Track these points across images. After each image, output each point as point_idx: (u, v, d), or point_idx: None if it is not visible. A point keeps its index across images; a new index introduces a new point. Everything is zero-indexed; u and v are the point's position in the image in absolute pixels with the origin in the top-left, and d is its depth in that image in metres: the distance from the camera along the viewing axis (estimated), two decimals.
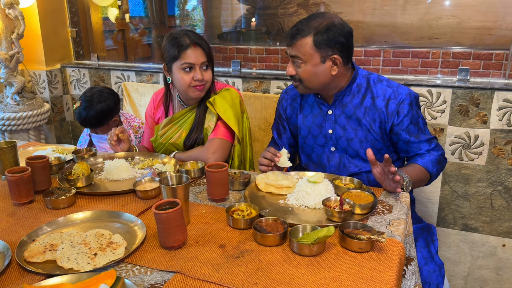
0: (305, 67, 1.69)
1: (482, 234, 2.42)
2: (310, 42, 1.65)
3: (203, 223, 1.40)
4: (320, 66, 1.68)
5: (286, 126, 1.99)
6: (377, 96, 1.76)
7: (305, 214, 1.45)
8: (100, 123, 2.37)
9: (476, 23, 4.16)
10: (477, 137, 2.30)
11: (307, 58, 1.67)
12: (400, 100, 1.73)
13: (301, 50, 1.67)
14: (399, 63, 4.72)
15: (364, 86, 1.79)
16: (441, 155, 1.78)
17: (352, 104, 1.79)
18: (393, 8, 4.43)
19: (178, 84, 1.97)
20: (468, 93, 2.27)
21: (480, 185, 2.35)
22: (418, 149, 1.77)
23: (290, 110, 1.95)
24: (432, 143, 1.78)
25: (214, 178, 1.53)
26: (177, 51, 1.91)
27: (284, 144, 2.00)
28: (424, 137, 1.77)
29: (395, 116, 1.74)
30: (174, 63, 1.94)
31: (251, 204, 1.43)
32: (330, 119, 1.83)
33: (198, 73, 1.92)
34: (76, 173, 1.70)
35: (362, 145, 1.80)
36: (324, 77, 1.71)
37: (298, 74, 1.72)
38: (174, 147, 2.08)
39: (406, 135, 1.76)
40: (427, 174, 1.73)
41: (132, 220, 1.40)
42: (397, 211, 1.47)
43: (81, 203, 1.58)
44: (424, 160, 1.74)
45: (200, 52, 1.93)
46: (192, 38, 1.93)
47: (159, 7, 4.49)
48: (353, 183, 1.62)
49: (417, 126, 1.76)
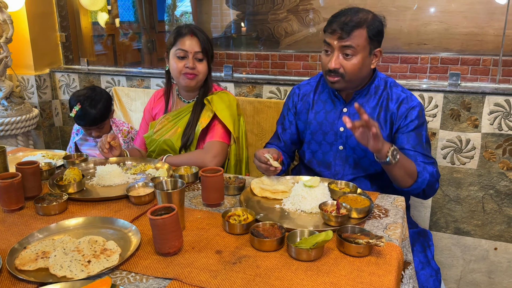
0: (355, 59, 1.68)
1: (474, 237, 2.43)
2: (365, 33, 1.66)
3: (199, 228, 1.38)
4: (367, 59, 1.71)
5: (293, 121, 1.97)
6: (391, 99, 1.78)
7: (302, 218, 1.44)
8: (105, 117, 2.38)
9: (464, 29, 4.22)
10: (468, 141, 2.32)
11: (360, 49, 1.67)
12: (411, 106, 1.75)
13: (355, 41, 1.66)
14: (388, 69, 4.76)
15: (381, 88, 1.80)
16: (436, 173, 1.70)
17: (368, 105, 1.79)
18: (382, 14, 4.47)
19: (171, 70, 2.02)
20: (460, 98, 2.29)
21: (471, 189, 2.37)
22: (414, 161, 1.71)
23: (301, 105, 1.94)
24: (430, 160, 1.72)
25: (210, 183, 1.51)
26: (174, 37, 1.99)
27: (286, 140, 1.98)
28: (421, 150, 1.72)
29: (403, 119, 1.75)
30: (171, 49, 2.00)
31: (247, 209, 1.41)
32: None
33: (190, 61, 1.96)
34: (68, 179, 1.66)
35: None
36: (366, 71, 1.73)
37: (344, 67, 1.69)
38: (166, 144, 2.06)
39: (403, 140, 1.74)
40: (415, 171, 1.64)
41: (126, 226, 1.37)
42: (393, 215, 1.47)
43: (73, 209, 1.54)
44: (417, 163, 1.70)
45: (195, 42, 1.97)
46: (191, 28, 1.99)
47: (149, 12, 4.48)
48: (349, 187, 1.61)
49: (419, 138, 1.73)
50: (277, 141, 2.01)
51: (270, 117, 2.48)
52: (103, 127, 2.41)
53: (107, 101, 2.39)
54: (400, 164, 1.59)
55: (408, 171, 1.63)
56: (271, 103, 2.48)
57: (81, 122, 2.34)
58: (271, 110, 2.47)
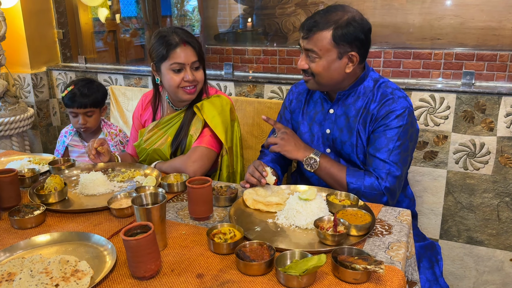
0: (320, 62, 1.58)
1: (488, 247, 2.28)
2: (329, 36, 1.54)
3: (182, 246, 1.26)
4: (336, 62, 1.58)
5: (289, 120, 1.87)
6: (374, 100, 1.64)
7: (296, 235, 1.31)
8: (96, 105, 2.28)
9: (480, 23, 4.03)
10: (483, 145, 2.16)
11: (323, 53, 1.56)
12: (392, 109, 1.59)
13: (317, 44, 1.56)
14: (400, 65, 4.59)
15: (370, 89, 1.66)
16: (379, 186, 1.54)
17: (355, 106, 1.67)
18: (394, 8, 4.30)
19: (167, 85, 1.85)
20: (474, 98, 2.12)
21: (486, 196, 2.21)
22: (368, 164, 1.60)
23: (295, 104, 1.85)
24: (385, 168, 1.56)
25: (196, 195, 1.39)
26: (166, 50, 1.79)
27: None
28: (383, 155, 1.56)
29: (379, 121, 1.60)
30: (163, 63, 1.82)
31: (235, 225, 1.29)
32: (330, 118, 1.72)
33: (189, 73, 1.80)
34: (48, 188, 1.56)
35: (354, 150, 1.67)
36: (337, 74, 1.60)
37: (311, 69, 1.61)
38: (156, 154, 1.94)
39: (370, 142, 1.62)
40: (343, 180, 1.58)
41: (102, 244, 1.26)
42: (397, 232, 1.33)
43: (50, 222, 1.44)
44: (356, 173, 1.58)
45: (190, 51, 1.81)
46: (181, 36, 1.80)
47: (152, 7, 4.36)
48: (349, 199, 1.48)
49: (387, 142, 1.57)
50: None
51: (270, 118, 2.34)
52: (91, 116, 2.28)
53: (102, 93, 2.31)
54: (323, 171, 1.60)
55: (335, 178, 1.60)
56: (272, 103, 2.34)
57: (70, 103, 2.23)
58: (272, 111, 2.34)
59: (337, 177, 1.59)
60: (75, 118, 2.28)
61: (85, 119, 2.26)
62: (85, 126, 2.27)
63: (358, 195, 1.55)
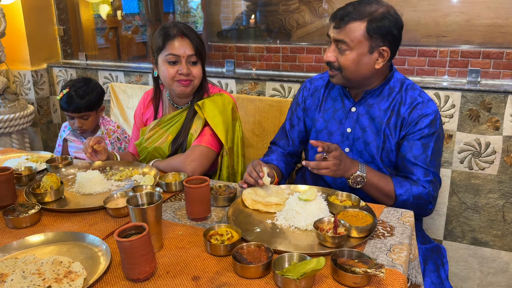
0: (350, 55, 1.53)
1: (493, 248, 2.23)
2: (363, 28, 1.49)
3: (178, 247, 1.23)
4: (366, 56, 1.53)
5: (301, 117, 1.82)
6: (404, 103, 1.60)
7: (295, 237, 1.28)
8: (91, 108, 2.24)
9: (486, 20, 3.97)
10: (488, 144, 2.11)
11: (354, 45, 1.51)
12: (424, 113, 1.56)
13: (350, 35, 1.50)
14: (405, 62, 4.54)
15: (396, 90, 1.62)
16: (427, 194, 1.55)
17: (379, 107, 1.62)
18: (398, 5, 4.23)
19: (162, 77, 1.83)
20: (479, 97, 2.08)
21: (491, 196, 2.17)
22: (409, 172, 1.57)
23: (311, 101, 1.79)
24: (429, 176, 1.56)
25: (194, 194, 1.36)
26: (162, 41, 1.77)
27: (294, 138, 1.83)
28: (423, 163, 1.55)
29: (412, 125, 1.57)
30: (160, 54, 1.79)
31: (233, 226, 1.26)
32: (352, 117, 1.66)
33: (184, 66, 1.77)
34: (44, 187, 1.53)
35: (379, 152, 1.63)
36: (366, 70, 1.55)
37: (339, 62, 1.55)
38: (157, 152, 1.91)
39: (406, 148, 1.58)
40: (392, 192, 1.54)
41: (96, 244, 1.23)
42: (400, 233, 1.30)
43: (46, 221, 1.41)
44: (403, 183, 1.55)
45: (187, 44, 1.78)
46: (180, 28, 1.78)
47: (154, 4, 4.32)
48: (351, 200, 1.44)
49: (424, 148, 1.56)
50: (285, 139, 1.84)
51: (272, 116, 2.31)
52: (87, 119, 2.25)
53: (98, 94, 2.26)
54: (370, 186, 1.53)
55: (384, 192, 1.54)
56: (273, 101, 2.31)
57: (65, 106, 2.21)
58: (273, 109, 2.30)
59: (385, 190, 1.54)
60: (71, 120, 2.26)
61: (81, 122, 2.24)
62: (81, 128, 2.25)
63: (405, 205, 1.53)
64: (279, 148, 1.84)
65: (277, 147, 1.85)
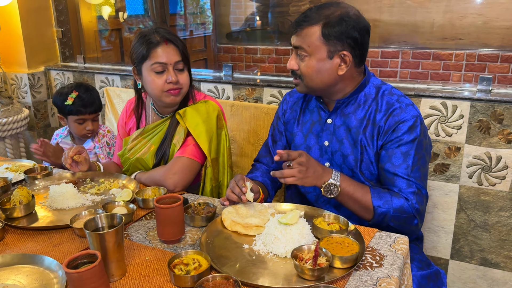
0: (309, 61, 1.43)
1: (504, 270, 2.07)
2: (318, 32, 1.40)
3: (141, 276, 1.12)
4: (326, 62, 1.43)
5: (282, 132, 1.71)
6: (380, 110, 1.47)
7: (272, 266, 1.16)
8: (100, 108, 2.25)
9: (505, 23, 3.79)
10: (499, 158, 1.95)
11: (312, 51, 1.42)
12: (402, 119, 1.43)
13: (306, 40, 1.42)
14: (419, 66, 4.38)
15: (372, 96, 1.50)
16: (410, 207, 1.40)
17: (356, 116, 1.50)
18: (412, 6, 4.07)
19: (149, 89, 1.71)
20: (490, 107, 1.92)
21: (502, 214, 2.00)
22: (390, 184, 1.43)
23: (290, 114, 1.68)
24: (411, 187, 1.41)
25: (165, 215, 1.24)
26: (146, 49, 1.66)
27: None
28: (404, 173, 1.41)
29: (389, 133, 1.44)
30: (144, 63, 1.68)
31: (202, 253, 1.14)
32: (329, 128, 1.55)
33: (172, 74, 1.66)
34: (14, 201, 1.44)
35: (357, 165, 1.50)
36: (328, 76, 1.45)
37: (300, 69, 1.46)
38: (139, 163, 1.81)
39: (384, 158, 1.45)
40: (370, 205, 1.41)
41: (53, 269, 1.13)
42: (389, 264, 1.16)
43: (9, 240, 1.32)
44: (382, 194, 1.41)
45: (173, 50, 1.67)
46: (163, 34, 1.67)
47: (159, 5, 4.25)
48: (339, 222, 1.31)
49: (404, 157, 1.42)
50: (269, 157, 1.73)
51: (267, 124, 2.19)
52: (97, 120, 2.24)
53: (98, 94, 2.25)
54: (345, 196, 1.41)
55: (361, 203, 1.41)
56: (269, 109, 2.18)
57: (82, 109, 2.14)
58: (270, 117, 2.18)
59: (362, 201, 1.42)
60: (81, 125, 2.17)
61: (92, 124, 2.20)
62: (92, 131, 2.21)
63: (386, 219, 1.40)
64: (263, 165, 1.72)
65: (261, 164, 1.73)
